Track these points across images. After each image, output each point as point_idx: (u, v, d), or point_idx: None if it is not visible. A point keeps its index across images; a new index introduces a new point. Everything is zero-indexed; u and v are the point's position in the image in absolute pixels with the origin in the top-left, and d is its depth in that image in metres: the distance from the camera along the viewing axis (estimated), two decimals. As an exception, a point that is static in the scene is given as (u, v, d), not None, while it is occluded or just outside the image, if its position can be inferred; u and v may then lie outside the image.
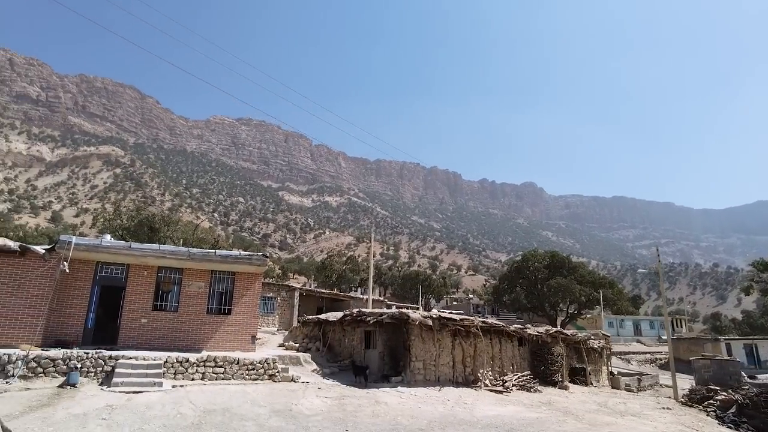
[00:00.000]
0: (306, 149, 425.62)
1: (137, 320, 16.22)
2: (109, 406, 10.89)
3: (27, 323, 14.14)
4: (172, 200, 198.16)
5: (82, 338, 15.36)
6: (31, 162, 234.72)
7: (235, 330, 17.27)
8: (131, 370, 13.36)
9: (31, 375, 12.46)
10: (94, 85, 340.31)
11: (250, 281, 17.89)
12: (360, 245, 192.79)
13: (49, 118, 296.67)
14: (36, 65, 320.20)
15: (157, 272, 16.79)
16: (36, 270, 14.64)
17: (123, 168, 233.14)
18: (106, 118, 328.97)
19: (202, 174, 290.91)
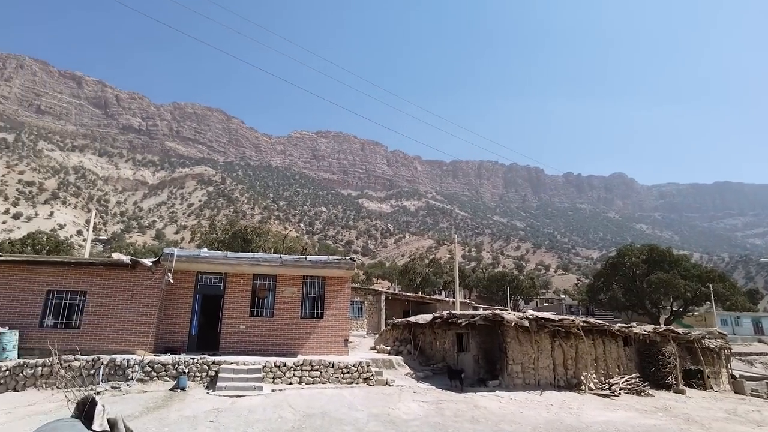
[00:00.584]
0: (382, 156, 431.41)
1: (236, 326, 16.89)
2: (215, 410, 11.30)
3: (141, 331, 15.20)
4: (261, 213, 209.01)
5: (187, 345, 16.26)
6: (136, 186, 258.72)
7: (327, 334, 17.47)
8: (233, 374, 13.87)
9: (147, 378, 13.33)
10: (185, 111, 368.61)
11: (340, 285, 18.04)
12: (440, 248, 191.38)
13: (149, 145, 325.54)
14: (137, 98, 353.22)
15: (252, 280, 17.42)
16: (145, 281, 15.73)
17: (215, 186, 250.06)
18: (197, 140, 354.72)
19: (286, 187, 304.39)
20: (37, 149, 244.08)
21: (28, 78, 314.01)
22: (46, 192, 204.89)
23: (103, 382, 12.90)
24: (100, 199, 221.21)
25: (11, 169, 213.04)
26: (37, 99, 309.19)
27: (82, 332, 14.96)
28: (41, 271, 15.46)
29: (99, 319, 15.19)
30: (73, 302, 15.39)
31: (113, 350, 14.64)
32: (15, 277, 15.25)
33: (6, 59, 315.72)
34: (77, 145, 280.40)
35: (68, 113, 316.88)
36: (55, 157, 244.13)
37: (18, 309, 14.96)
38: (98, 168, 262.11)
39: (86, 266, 15.60)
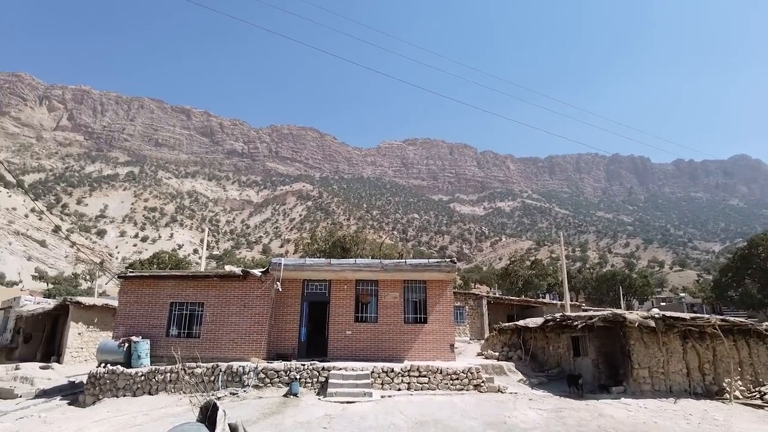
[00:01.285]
0: (472, 158, 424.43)
1: (342, 332, 17.04)
2: (327, 416, 11.31)
3: (254, 338, 15.84)
4: (356, 223, 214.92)
5: (297, 351, 16.67)
6: (243, 205, 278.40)
7: (432, 339, 17.03)
8: (342, 380, 13.90)
9: (262, 385, 13.78)
10: (282, 133, 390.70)
11: (441, 288, 17.55)
12: (541, 249, 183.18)
13: (252, 166, 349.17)
14: (238, 125, 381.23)
15: (355, 285, 17.52)
16: (256, 291, 16.40)
17: (313, 200, 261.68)
18: (294, 159, 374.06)
19: (379, 196, 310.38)
20: (157, 178, 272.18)
21: (147, 116, 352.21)
22: (166, 216, 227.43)
23: (222, 388, 13.53)
24: (212, 219, 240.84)
25: (138, 197, 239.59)
26: (155, 134, 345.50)
27: (201, 341, 15.91)
28: (165, 284, 16.73)
29: (216, 328, 16.07)
30: (193, 313, 16.45)
31: (230, 357, 15.37)
32: (144, 291, 16.64)
33: (130, 102, 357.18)
34: (189, 172, 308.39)
35: (180, 144, 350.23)
36: (171, 184, 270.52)
37: (148, 320, 16.29)
38: (208, 191, 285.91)
39: (202, 279, 16.62)
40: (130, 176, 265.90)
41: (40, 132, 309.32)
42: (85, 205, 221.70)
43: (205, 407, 5.79)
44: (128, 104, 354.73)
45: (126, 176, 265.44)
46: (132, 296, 16.63)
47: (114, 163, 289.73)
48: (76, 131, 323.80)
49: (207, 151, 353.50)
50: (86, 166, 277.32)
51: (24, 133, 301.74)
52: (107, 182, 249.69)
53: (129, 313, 16.41)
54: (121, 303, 16.64)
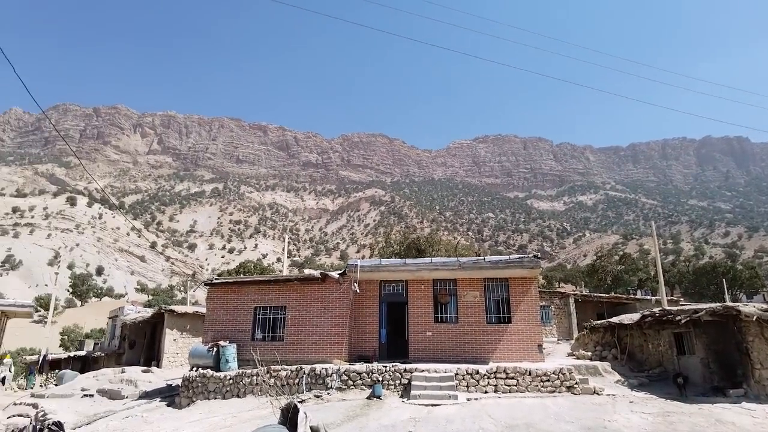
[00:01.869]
0: (547, 151, 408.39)
1: (422, 334, 16.65)
2: (412, 419, 10.95)
3: (335, 340, 15.86)
4: (429, 226, 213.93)
5: (378, 353, 16.49)
6: (320, 214, 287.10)
7: (518, 339, 16.18)
8: (425, 382, 13.50)
9: (344, 387, 13.70)
10: (352, 141, 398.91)
11: (525, 286, 16.63)
12: (629, 243, 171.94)
13: (326, 176, 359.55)
14: (311, 137, 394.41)
15: (432, 285, 17.07)
16: (334, 293, 16.44)
17: (386, 205, 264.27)
18: (366, 166, 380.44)
19: (451, 197, 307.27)
20: (240, 193, 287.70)
21: (228, 134, 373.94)
22: (250, 227, 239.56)
23: (307, 391, 13.61)
24: (292, 228, 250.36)
25: (223, 212, 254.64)
26: (236, 151, 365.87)
27: (285, 344, 16.19)
28: (248, 290, 17.24)
29: (298, 330, 16.29)
30: (275, 316, 16.80)
31: (312, 360, 15.49)
32: (229, 297, 17.26)
33: (211, 122, 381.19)
34: (269, 185, 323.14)
35: (259, 159, 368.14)
36: (253, 198, 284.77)
37: (234, 325, 16.85)
38: (287, 202, 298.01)
39: (283, 283, 16.94)
40: (215, 192, 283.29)
41: (135, 157, 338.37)
42: (176, 221, 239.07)
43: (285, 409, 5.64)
44: (209, 125, 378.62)
45: (211, 192, 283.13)
46: (218, 302, 17.30)
47: (200, 181, 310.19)
48: (166, 154, 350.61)
49: (284, 164, 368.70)
50: (176, 185, 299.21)
51: (123, 159, 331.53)
52: (195, 199, 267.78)
53: (216, 318, 17.07)
54: (208, 309, 17.36)
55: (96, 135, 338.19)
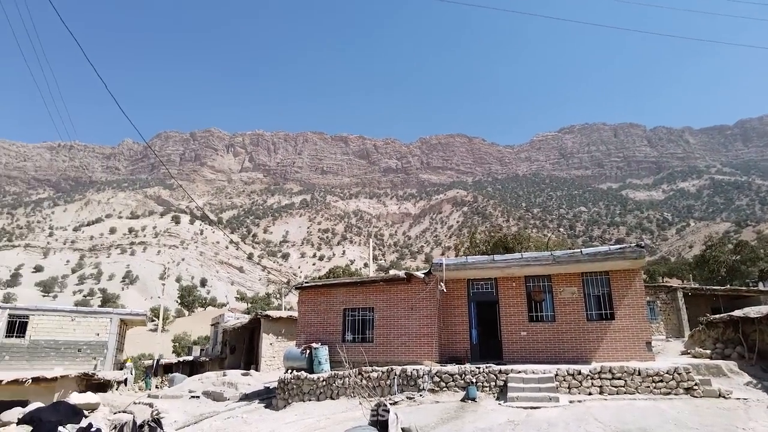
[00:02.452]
0: (641, 137, 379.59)
1: (516, 333, 15.80)
2: (510, 422, 10.29)
3: (424, 341, 15.51)
4: (516, 224, 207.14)
5: (470, 354, 15.88)
6: (402, 218, 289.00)
7: (623, 336, 14.81)
8: (522, 384, 12.73)
9: (437, 389, 13.28)
10: (431, 144, 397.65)
11: (629, 279, 15.21)
12: (743, 230, 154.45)
13: (406, 180, 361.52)
14: (390, 143, 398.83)
15: (524, 282, 16.17)
16: (421, 293, 16.11)
17: (468, 206, 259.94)
18: (446, 167, 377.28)
19: (538, 193, 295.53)
20: (326, 202, 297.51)
21: (312, 148, 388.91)
22: (337, 235, 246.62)
23: (399, 392, 13.36)
24: (376, 234, 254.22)
25: (312, 221, 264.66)
26: (320, 163, 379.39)
27: (374, 345, 16.11)
28: (337, 292, 17.42)
29: (387, 332, 16.13)
30: (364, 318, 16.79)
31: (403, 361, 15.24)
32: (319, 300, 17.54)
33: (296, 138, 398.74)
34: (353, 193, 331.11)
35: (342, 168, 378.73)
36: (339, 206, 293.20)
37: (324, 327, 17.09)
38: (371, 208, 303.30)
39: (369, 284, 16.91)
40: (303, 203, 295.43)
41: (229, 175, 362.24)
42: (270, 233, 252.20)
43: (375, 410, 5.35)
44: (295, 140, 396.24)
45: (300, 204, 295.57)
46: (309, 305, 17.64)
47: (289, 194, 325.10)
48: (257, 170, 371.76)
49: (365, 172, 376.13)
50: (267, 199, 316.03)
51: (218, 178, 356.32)
52: (286, 211, 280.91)
53: (307, 321, 17.41)
54: (300, 312, 17.76)
55: (194, 157, 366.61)
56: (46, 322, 22.73)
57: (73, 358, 22.45)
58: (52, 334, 22.63)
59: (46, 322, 22.73)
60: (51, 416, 7.53)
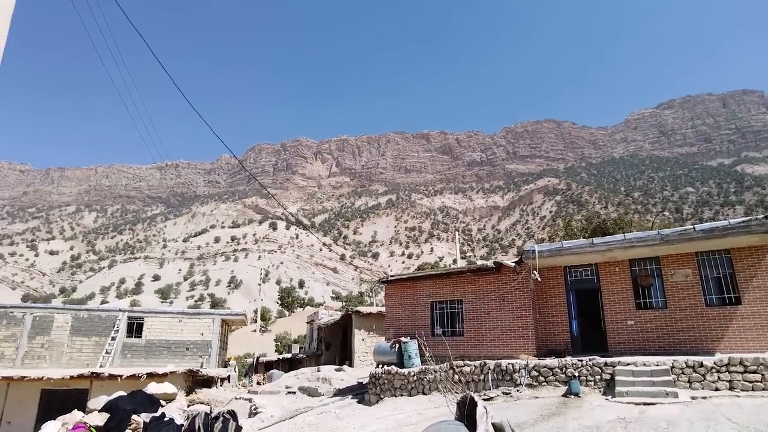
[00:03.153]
0: (757, 105, 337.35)
1: (622, 323, 14.36)
2: (621, 419, 9.23)
3: (519, 334, 14.61)
4: (615, 210, 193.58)
5: (571, 346, 14.71)
6: (490, 212, 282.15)
7: (754, 324, 12.85)
8: (632, 377, 11.46)
9: (535, 383, 12.38)
10: (516, 132, 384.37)
11: (756, 257, 13.19)
12: None
13: (492, 172, 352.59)
14: (473, 135, 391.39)
15: (629, 266, 14.65)
16: (512, 283, 15.21)
17: (561, 194, 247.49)
18: (534, 155, 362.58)
19: (637, 176, 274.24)
20: (412, 201, 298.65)
21: (394, 148, 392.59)
22: (425, 233, 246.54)
23: (493, 388, 12.64)
24: (464, 229, 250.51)
25: (399, 220, 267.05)
26: (403, 162, 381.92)
27: (465, 338, 15.49)
28: (424, 285, 17.01)
29: (478, 325, 15.44)
30: (453, 311, 16.22)
31: (496, 355, 14.47)
32: (406, 293, 17.24)
33: (379, 139, 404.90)
34: (437, 190, 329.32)
35: (425, 166, 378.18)
36: (424, 204, 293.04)
37: (413, 321, 16.75)
38: (457, 204, 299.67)
39: (456, 275, 16.30)
40: (389, 203, 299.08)
41: (319, 181, 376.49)
42: (359, 234, 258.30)
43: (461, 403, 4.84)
44: (377, 142, 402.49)
45: (386, 204, 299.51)
46: (396, 299, 17.40)
47: (375, 195, 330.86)
48: (343, 174, 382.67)
49: (449, 168, 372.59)
50: (355, 201, 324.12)
51: (309, 185, 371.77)
52: (373, 212, 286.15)
53: (395, 315, 17.18)
54: (387, 307, 17.58)
55: (285, 167, 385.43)
56: (158, 323, 24.72)
57: (182, 357, 24.19)
58: (164, 335, 24.56)
59: (158, 323, 24.72)
60: (127, 404, 7.93)
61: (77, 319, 24.19)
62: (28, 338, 23.59)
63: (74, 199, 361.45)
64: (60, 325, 23.94)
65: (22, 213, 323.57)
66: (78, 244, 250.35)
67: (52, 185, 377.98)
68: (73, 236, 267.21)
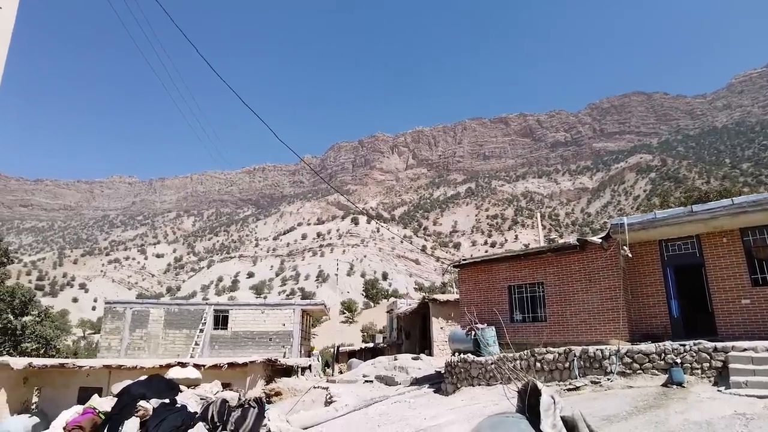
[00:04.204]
0: None
1: (735, 302, 12.35)
2: (739, 415, 7.71)
3: (608, 317, 13.10)
4: (720, 184, 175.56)
5: (671, 329, 12.94)
6: (578, 194, 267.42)
7: None
8: (752, 365, 9.70)
9: (628, 371, 10.91)
10: (602, 108, 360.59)
11: None
12: None
13: (578, 152, 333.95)
14: (555, 115, 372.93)
15: (740, 237, 12.57)
16: (598, 261, 13.70)
17: (656, 171, 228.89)
18: (623, 131, 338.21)
19: (746, 145, 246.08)
20: (492, 188, 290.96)
21: (471, 135, 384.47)
22: (507, 220, 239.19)
23: (580, 376, 11.34)
24: (550, 215, 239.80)
25: (479, 209, 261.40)
26: (481, 149, 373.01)
27: (547, 324, 14.22)
28: (499, 267, 15.91)
29: (561, 309, 14.09)
30: (532, 294, 14.98)
31: (583, 341, 13.07)
32: (481, 278, 16.23)
33: (454, 128, 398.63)
34: (519, 175, 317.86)
35: (505, 151, 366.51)
36: (505, 190, 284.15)
37: (489, 306, 15.70)
38: (541, 188, 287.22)
39: (535, 256, 15.02)
40: (469, 192, 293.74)
41: (396, 174, 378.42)
42: (439, 224, 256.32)
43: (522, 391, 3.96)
44: (453, 130, 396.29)
45: (465, 193, 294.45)
46: (470, 284, 16.45)
47: (454, 184, 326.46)
48: (420, 166, 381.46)
49: (530, 151, 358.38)
50: (434, 192, 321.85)
51: (387, 179, 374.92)
52: (452, 201, 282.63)
53: (470, 301, 16.22)
54: (461, 292, 16.67)
55: (364, 162, 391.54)
56: (242, 315, 25.67)
57: (266, 347, 24.93)
58: (248, 326, 25.45)
59: (242, 315, 25.67)
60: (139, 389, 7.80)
61: (169, 313, 25.73)
62: (129, 331, 25.47)
63: (174, 205, 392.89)
64: (155, 319, 25.60)
65: (132, 221, 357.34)
66: (180, 247, 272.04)
67: (155, 194, 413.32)
68: (175, 240, 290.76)
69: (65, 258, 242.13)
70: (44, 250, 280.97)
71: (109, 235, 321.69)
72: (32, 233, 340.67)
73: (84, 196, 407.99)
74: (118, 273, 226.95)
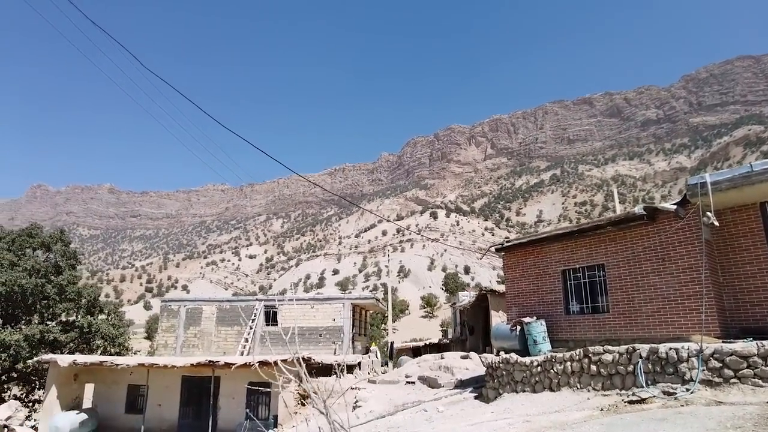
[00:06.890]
0: None
1: None
2: None
3: (688, 306, 10.03)
4: None
5: (783, 322, 9.63)
6: (676, 174, 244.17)
7: None
8: None
9: (717, 380, 7.98)
10: (699, 79, 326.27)
11: None
12: None
13: (673, 129, 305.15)
14: (644, 91, 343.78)
15: None
16: (672, 235, 10.61)
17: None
18: (726, 102, 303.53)
19: None
20: (579, 173, 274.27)
21: (553, 119, 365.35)
22: (597, 206, 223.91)
23: (648, 384, 8.56)
24: (644, 198, 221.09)
25: (566, 196, 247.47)
26: (565, 132, 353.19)
27: (609, 316, 11.34)
28: (551, 249, 13.18)
29: (627, 296, 11.16)
30: (592, 279, 12.14)
31: (656, 337, 10.15)
32: (529, 262, 13.62)
33: (535, 112, 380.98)
34: (608, 157, 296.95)
35: (591, 133, 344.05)
36: (594, 175, 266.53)
37: (539, 296, 13.07)
38: (633, 170, 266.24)
39: (592, 231, 12.12)
40: (554, 179, 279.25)
41: (475, 165, 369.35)
42: (523, 215, 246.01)
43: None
44: (533, 116, 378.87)
45: (550, 180, 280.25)
46: (517, 271, 13.88)
47: (537, 172, 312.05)
48: (500, 155, 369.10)
49: (619, 131, 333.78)
50: (515, 181, 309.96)
51: (465, 171, 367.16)
52: (536, 190, 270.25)
53: (517, 290, 13.68)
54: (507, 280, 14.16)
55: (440, 156, 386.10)
56: (291, 310, 24.68)
57: (316, 343, 23.74)
58: (298, 321, 24.44)
59: (291, 310, 24.68)
60: None
61: (221, 309, 25.41)
62: (183, 329, 25.46)
63: (264, 209, 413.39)
64: (207, 316, 25.38)
65: (226, 225, 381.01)
66: (270, 248, 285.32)
67: (246, 199, 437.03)
68: (266, 241, 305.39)
69: (169, 262, 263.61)
70: (151, 256, 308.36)
71: (206, 240, 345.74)
72: (141, 240, 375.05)
73: (183, 205, 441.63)
74: (215, 274, 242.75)
